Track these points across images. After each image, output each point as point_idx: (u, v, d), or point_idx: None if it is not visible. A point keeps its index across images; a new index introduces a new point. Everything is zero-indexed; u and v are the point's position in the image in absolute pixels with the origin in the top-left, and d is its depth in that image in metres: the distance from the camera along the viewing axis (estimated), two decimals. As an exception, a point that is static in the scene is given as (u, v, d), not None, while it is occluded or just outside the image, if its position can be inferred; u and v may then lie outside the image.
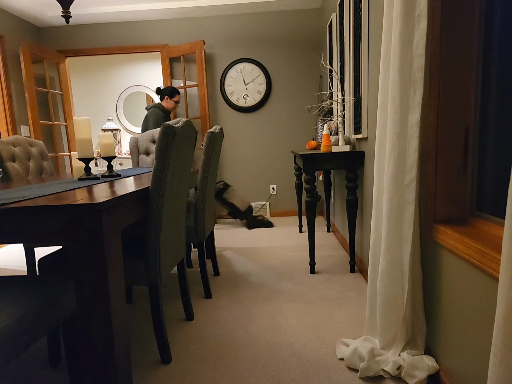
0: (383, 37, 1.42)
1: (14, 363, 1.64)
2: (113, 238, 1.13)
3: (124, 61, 5.50)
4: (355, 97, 2.58)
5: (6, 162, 2.30)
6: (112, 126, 5.37)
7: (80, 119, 1.69)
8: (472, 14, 1.23)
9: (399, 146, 1.36)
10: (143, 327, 1.93)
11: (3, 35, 3.81)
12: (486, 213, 1.22)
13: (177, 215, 1.71)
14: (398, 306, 1.43)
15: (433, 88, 1.31)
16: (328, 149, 2.47)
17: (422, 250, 1.46)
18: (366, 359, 1.42)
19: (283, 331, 1.81)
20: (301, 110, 4.39)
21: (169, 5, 3.95)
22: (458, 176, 1.31)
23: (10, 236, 1.10)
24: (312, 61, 4.31)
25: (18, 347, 1.00)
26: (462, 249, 1.11)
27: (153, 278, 1.50)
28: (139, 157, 3.12)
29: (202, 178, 2.19)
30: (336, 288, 2.31)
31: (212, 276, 2.62)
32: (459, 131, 1.29)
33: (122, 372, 1.18)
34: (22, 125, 4.03)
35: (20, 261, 3.33)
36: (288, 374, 1.47)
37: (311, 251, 2.57)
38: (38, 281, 1.24)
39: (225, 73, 4.36)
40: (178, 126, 1.47)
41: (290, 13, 4.24)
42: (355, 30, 2.53)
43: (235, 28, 4.29)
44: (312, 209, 2.52)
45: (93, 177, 1.79)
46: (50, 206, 1.04)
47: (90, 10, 4.00)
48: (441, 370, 1.35)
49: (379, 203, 1.52)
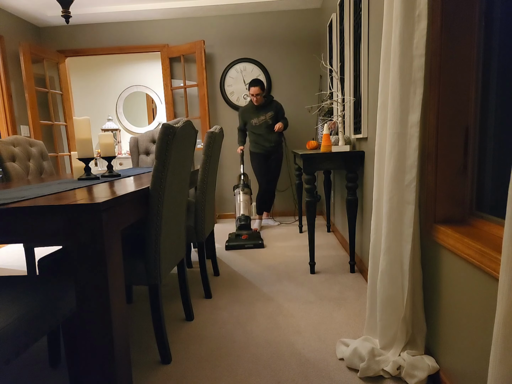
0: (383, 37, 1.42)
1: (14, 363, 1.64)
2: (113, 238, 1.13)
3: (124, 61, 5.49)
4: (355, 97, 2.58)
5: (6, 162, 2.30)
6: (112, 126, 5.37)
7: (80, 119, 1.69)
8: (472, 14, 1.23)
9: (399, 146, 1.36)
10: (143, 327, 1.93)
11: (3, 35, 3.81)
12: (486, 213, 1.22)
13: (177, 215, 1.71)
14: (398, 306, 1.43)
15: (433, 88, 1.31)
16: (328, 149, 2.47)
17: (422, 250, 1.46)
18: (366, 359, 1.42)
19: (283, 331, 1.81)
20: (301, 110, 4.39)
21: (169, 5, 3.95)
22: (458, 176, 1.31)
23: (10, 236, 1.10)
24: (312, 61, 4.31)
25: (18, 347, 1.00)
26: (462, 249, 1.11)
27: (153, 278, 1.50)
28: (139, 157, 3.12)
29: (202, 178, 2.19)
30: (336, 288, 2.31)
31: (212, 276, 2.62)
32: (459, 131, 1.29)
33: (122, 372, 1.18)
34: (22, 125, 4.03)
35: (20, 261, 3.33)
36: (288, 374, 1.47)
37: (311, 251, 2.57)
38: (38, 281, 1.24)
39: (225, 73, 4.36)
40: (178, 126, 1.47)
41: (290, 13, 4.24)
42: (355, 30, 2.53)
43: (235, 28, 4.29)
44: (312, 209, 2.52)
45: (93, 177, 1.79)
46: (50, 206, 1.04)
47: (90, 10, 4.00)
48: (441, 370, 1.35)
49: (379, 203, 1.52)
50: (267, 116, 3.86)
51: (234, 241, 3.29)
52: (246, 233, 3.44)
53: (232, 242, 3.28)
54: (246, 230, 3.53)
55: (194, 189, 2.81)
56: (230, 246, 3.25)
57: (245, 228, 3.55)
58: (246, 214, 3.56)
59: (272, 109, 3.86)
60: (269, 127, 3.87)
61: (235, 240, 3.32)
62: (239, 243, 3.26)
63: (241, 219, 3.57)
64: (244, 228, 3.55)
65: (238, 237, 3.36)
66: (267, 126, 3.87)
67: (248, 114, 3.90)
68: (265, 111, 3.86)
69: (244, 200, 3.63)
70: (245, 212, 3.57)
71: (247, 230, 3.54)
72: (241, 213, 3.61)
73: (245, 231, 3.48)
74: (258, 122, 3.87)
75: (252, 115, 3.88)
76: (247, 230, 3.52)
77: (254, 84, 3.71)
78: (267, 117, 3.86)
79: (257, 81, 3.73)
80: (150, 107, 5.60)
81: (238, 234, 3.44)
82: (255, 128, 3.89)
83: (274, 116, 3.88)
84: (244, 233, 3.44)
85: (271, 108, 3.86)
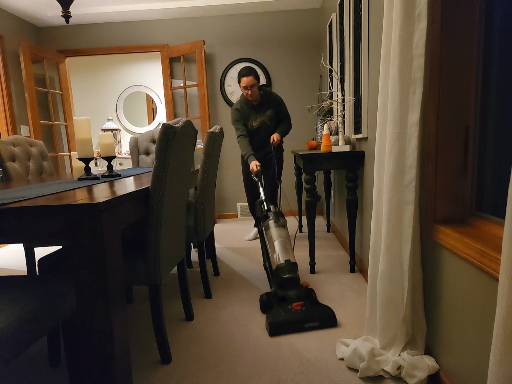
0: (383, 37, 1.42)
1: (14, 363, 1.63)
2: (113, 238, 1.13)
3: (124, 61, 5.49)
4: (355, 97, 2.58)
5: (6, 162, 2.30)
6: (112, 126, 5.37)
7: (80, 119, 1.69)
8: (472, 14, 1.23)
9: (399, 146, 1.36)
10: (143, 327, 1.93)
11: (3, 35, 3.80)
12: (486, 213, 1.22)
13: (177, 215, 1.71)
14: (398, 306, 1.43)
15: (433, 88, 1.31)
16: (328, 149, 2.47)
17: (422, 250, 1.46)
18: (366, 359, 1.42)
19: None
20: (301, 110, 4.39)
21: (169, 5, 3.95)
22: (458, 176, 1.31)
23: (10, 236, 1.10)
24: (312, 61, 4.31)
25: (18, 347, 1.00)
26: (462, 249, 1.11)
27: (153, 278, 1.50)
28: (139, 157, 3.12)
29: (202, 178, 2.19)
30: (336, 288, 2.31)
31: (212, 276, 2.62)
32: (459, 131, 1.29)
33: (122, 372, 1.18)
34: (22, 125, 4.03)
35: (20, 261, 3.33)
36: (288, 374, 1.47)
37: (311, 251, 2.57)
38: (38, 281, 1.24)
39: (225, 73, 4.36)
40: (178, 126, 1.47)
41: (290, 13, 4.24)
42: (355, 30, 2.53)
43: (235, 28, 4.29)
44: (312, 209, 2.52)
45: (93, 177, 1.79)
46: (50, 206, 1.04)
47: (90, 10, 4.00)
48: (441, 370, 1.35)
49: (379, 203, 1.52)
50: (266, 117, 2.99)
51: (281, 316, 1.81)
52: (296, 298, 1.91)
53: (278, 318, 1.80)
54: (293, 288, 1.95)
55: (194, 189, 2.81)
56: (278, 327, 1.78)
57: (293, 285, 1.96)
58: (292, 260, 2.01)
59: (271, 106, 3.01)
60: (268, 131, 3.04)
61: (282, 313, 1.82)
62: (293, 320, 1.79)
63: (285, 269, 1.96)
64: (291, 286, 1.96)
65: (286, 306, 1.87)
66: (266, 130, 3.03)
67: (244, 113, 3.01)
68: (263, 110, 2.99)
69: (282, 236, 2.14)
70: (290, 255, 2.04)
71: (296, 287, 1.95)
72: (283, 259, 2.00)
73: (293, 292, 1.93)
74: (255, 125, 3.00)
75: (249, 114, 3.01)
76: (295, 289, 1.94)
77: (246, 73, 2.80)
78: (266, 117, 2.99)
79: (249, 69, 2.82)
80: (150, 107, 5.60)
81: (283, 298, 1.93)
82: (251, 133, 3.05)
83: (273, 115, 3.03)
84: (294, 297, 1.91)
85: (269, 105, 3.01)
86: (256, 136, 3.04)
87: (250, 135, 3.02)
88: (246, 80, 2.79)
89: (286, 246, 2.08)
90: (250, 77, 2.79)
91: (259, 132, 3.01)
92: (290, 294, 1.92)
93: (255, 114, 3.00)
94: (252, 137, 3.03)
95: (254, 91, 2.86)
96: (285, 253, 2.03)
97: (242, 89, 2.88)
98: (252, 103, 2.98)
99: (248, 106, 2.98)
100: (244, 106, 2.98)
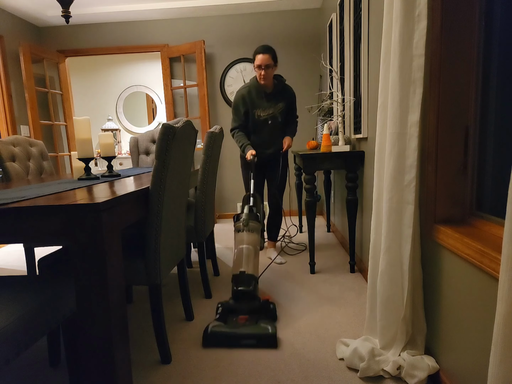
0: (383, 37, 1.42)
1: (14, 363, 1.63)
2: (113, 238, 1.13)
3: (124, 61, 5.49)
4: (355, 97, 2.58)
5: (6, 162, 2.30)
6: (112, 126, 5.37)
7: (80, 119, 1.69)
8: (472, 14, 1.23)
9: (399, 146, 1.36)
10: (143, 327, 1.93)
11: (3, 35, 3.80)
12: (486, 213, 1.22)
13: (177, 215, 1.71)
14: (398, 306, 1.43)
15: (433, 88, 1.31)
16: (328, 149, 2.47)
17: (422, 250, 1.46)
18: (366, 359, 1.42)
19: (283, 331, 1.81)
20: (301, 110, 4.39)
21: (169, 5, 3.95)
22: (458, 176, 1.31)
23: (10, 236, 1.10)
24: (312, 61, 4.31)
25: (18, 347, 1.00)
26: (462, 249, 1.11)
27: (153, 278, 1.50)
28: (139, 157, 3.12)
29: (202, 178, 2.19)
30: (336, 288, 2.31)
31: (212, 276, 2.62)
32: (459, 131, 1.29)
33: (122, 372, 1.18)
34: (22, 125, 4.03)
35: (20, 261, 3.33)
36: (288, 374, 1.47)
37: (311, 251, 2.57)
38: (38, 281, 1.24)
39: (225, 73, 4.36)
40: (178, 126, 1.47)
41: (290, 13, 4.24)
42: (355, 30, 2.53)
43: (235, 28, 4.29)
44: (312, 209, 2.52)
45: (93, 177, 1.79)
46: (50, 206, 1.04)
47: (90, 10, 4.00)
48: (441, 370, 1.35)
49: (379, 203, 1.52)
50: (277, 109, 2.61)
51: (221, 327, 1.73)
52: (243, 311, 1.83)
53: (215, 328, 1.72)
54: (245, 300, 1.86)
55: (194, 189, 2.81)
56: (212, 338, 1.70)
57: (245, 299, 1.86)
58: (248, 272, 1.87)
59: (284, 99, 2.64)
60: (276, 125, 2.65)
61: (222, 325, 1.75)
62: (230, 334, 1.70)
63: (238, 281, 1.86)
64: (242, 298, 1.86)
65: (231, 318, 1.81)
66: (274, 125, 2.64)
67: (252, 99, 2.59)
68: (275, 101, 2.61)
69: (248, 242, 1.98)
70: (247, 267, 1.89)
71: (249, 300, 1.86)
72: (238, 269, 1.88)
73: (241, 304, 1.85)
74: (263, 116, 2.60)
75: (258, 101, 2.59)
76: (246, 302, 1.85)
77: (263, 50, 2.45)
78: (277, 110, 2.61)
79: (267, 47, 2.47)
80: (150, 107, 5.60)
81: (233, 310, 1.85)
82: (257, 124, 2.63)
83: (284, 109, 2.65)
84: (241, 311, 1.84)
85: (283, 98, 2.63)
86: (260, 129, 2.62)
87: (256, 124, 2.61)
88: (261, 58, 2.44)
89: (248, 254, 1.92)
90: (266, 55, 2.44)
91: (265, 125, 2.61)
92: (237, 306, 1.84)
93: (265, 103, 2.58)
94: (254, 130, 2.64)
95: (268, 72, 2.48)
96: (242, 263, 1.89)
97: (256, 68, 2.50)
98: (264, 90, 2.57)
99: (258, 92, 2.57)
100: (253, 91, 2.57)
